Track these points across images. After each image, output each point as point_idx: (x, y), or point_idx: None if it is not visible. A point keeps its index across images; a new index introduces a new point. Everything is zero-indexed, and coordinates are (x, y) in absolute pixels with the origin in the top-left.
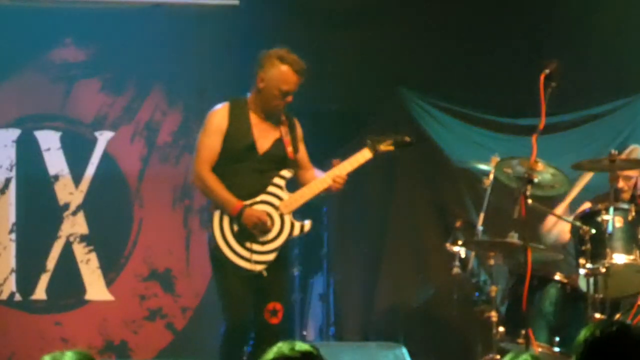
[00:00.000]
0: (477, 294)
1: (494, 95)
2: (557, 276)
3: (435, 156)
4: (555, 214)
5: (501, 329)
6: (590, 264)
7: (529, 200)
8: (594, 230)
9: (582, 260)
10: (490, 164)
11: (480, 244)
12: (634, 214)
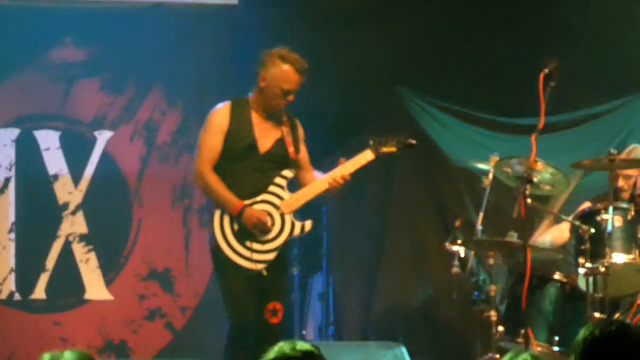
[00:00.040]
0: (477, 293)
1: (493, 95)
2: (557, 276)
3: (435, 156)
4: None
5: (501, 328)
6: (589, 264)
7: (529, 200)
8: (593, 230)
9: (582, 259)
10: (490, 164)
11: (480, 243)
12: (633, 213)
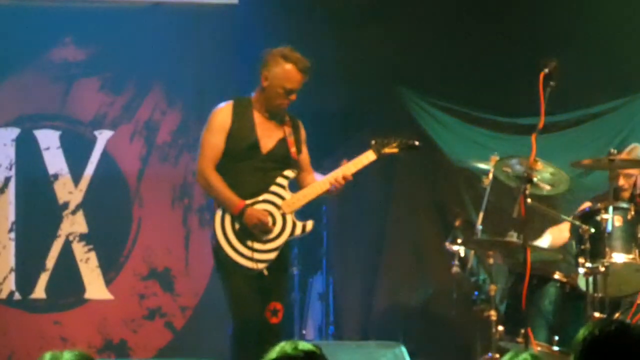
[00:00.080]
0: (477, 293)
1: (493, 95)
2: (557, 275)
3: (435, 155)
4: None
5: (500, 328)
6: (589, 263)
7: (529, 200)
8: (593, 229)
9: (582, 259)
10: (490, 163)
11: (480, 243)
12: (633, 213)
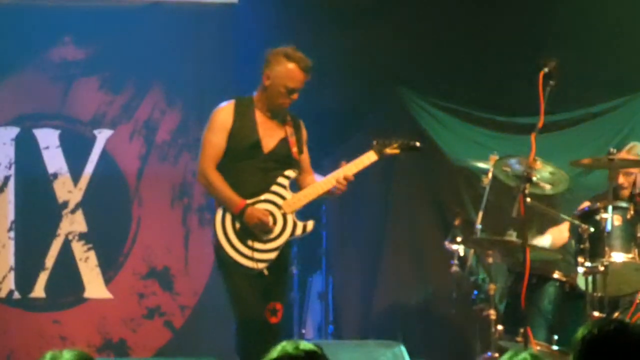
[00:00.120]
0: (476, 292)
1: (492, 94)
2: (556, 274)
3: (434, 155)
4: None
5: (500, 327)
6: (588, 263)
7: (528, 199)
8: (592, 229)
9: (581, 258)
10: (489, 163)
11: (479, 242)
12: (632, 212)
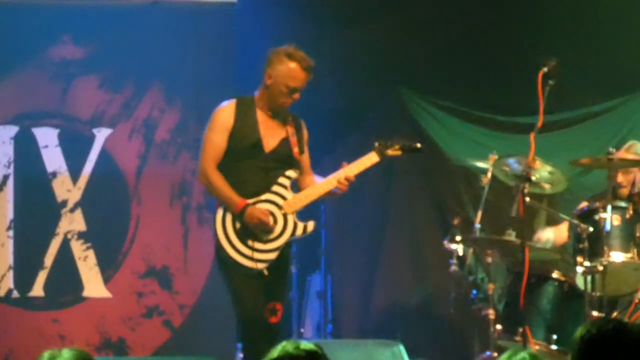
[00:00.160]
0: (475, 291)
1: (492, 94)
2: (555, 274)
3: (434, 154)
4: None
5: (498, 326)
6: (587, 262)
7: (527, 198)
8: (591, 228)
9: (580, 258)
10: (488, 162)
11: (478, 241)
12: (631, 212)
